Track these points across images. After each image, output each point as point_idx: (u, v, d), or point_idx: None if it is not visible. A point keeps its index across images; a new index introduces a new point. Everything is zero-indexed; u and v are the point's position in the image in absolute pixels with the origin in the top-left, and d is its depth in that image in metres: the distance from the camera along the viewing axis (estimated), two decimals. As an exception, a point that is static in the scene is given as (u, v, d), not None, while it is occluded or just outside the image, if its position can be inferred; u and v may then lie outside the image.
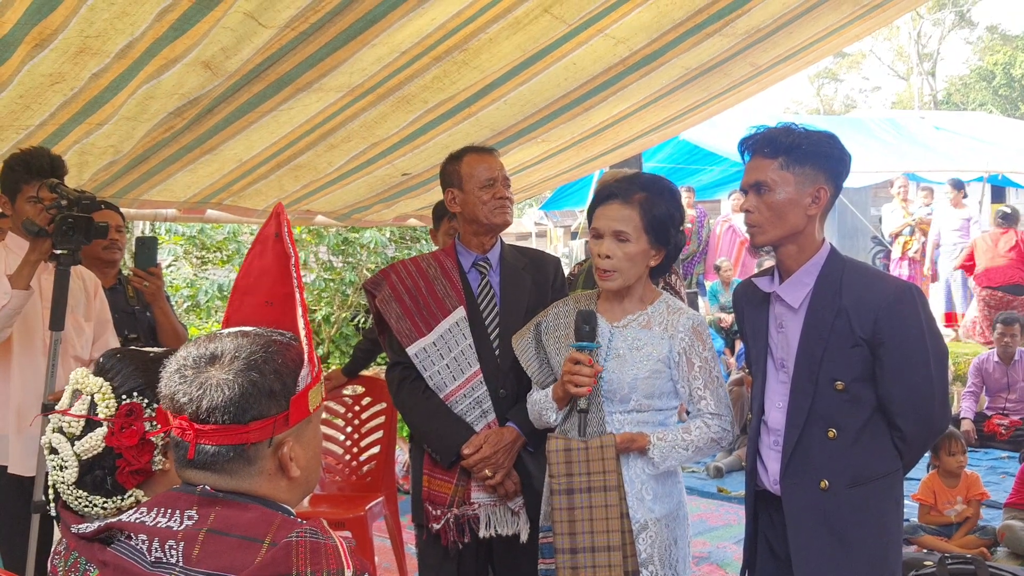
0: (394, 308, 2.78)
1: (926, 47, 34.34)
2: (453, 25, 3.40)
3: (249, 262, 1.57)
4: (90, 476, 1.44)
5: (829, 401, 2.24)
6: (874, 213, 13.60)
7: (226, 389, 1.26)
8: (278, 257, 1.51)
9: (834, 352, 2.22)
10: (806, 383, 2.26)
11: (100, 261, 3.51)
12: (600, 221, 2.43)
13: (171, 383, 1.29)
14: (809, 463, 2.27)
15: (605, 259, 2.40)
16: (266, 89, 3.53)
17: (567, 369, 2.37)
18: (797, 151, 2.23)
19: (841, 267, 2.28)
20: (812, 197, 2.25)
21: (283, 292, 1.48)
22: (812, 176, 2.24)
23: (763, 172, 2.25)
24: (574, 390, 2.35)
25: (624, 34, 3.85)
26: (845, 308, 2.22)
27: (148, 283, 3.34)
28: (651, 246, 2.42)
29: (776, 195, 2.23)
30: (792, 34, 4.34)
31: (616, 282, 2.42)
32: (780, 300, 2.33)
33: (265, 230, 1.55)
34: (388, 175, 5.05)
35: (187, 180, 4.44)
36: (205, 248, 8.93)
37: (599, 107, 4.65)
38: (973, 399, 7.26)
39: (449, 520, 2.70)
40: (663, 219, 2.41)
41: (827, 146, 2.26)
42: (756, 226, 2.29)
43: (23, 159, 2.97)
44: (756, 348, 2.41)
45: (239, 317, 1.51)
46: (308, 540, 1.21)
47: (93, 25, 2.73)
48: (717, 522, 5.23)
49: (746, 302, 2.48)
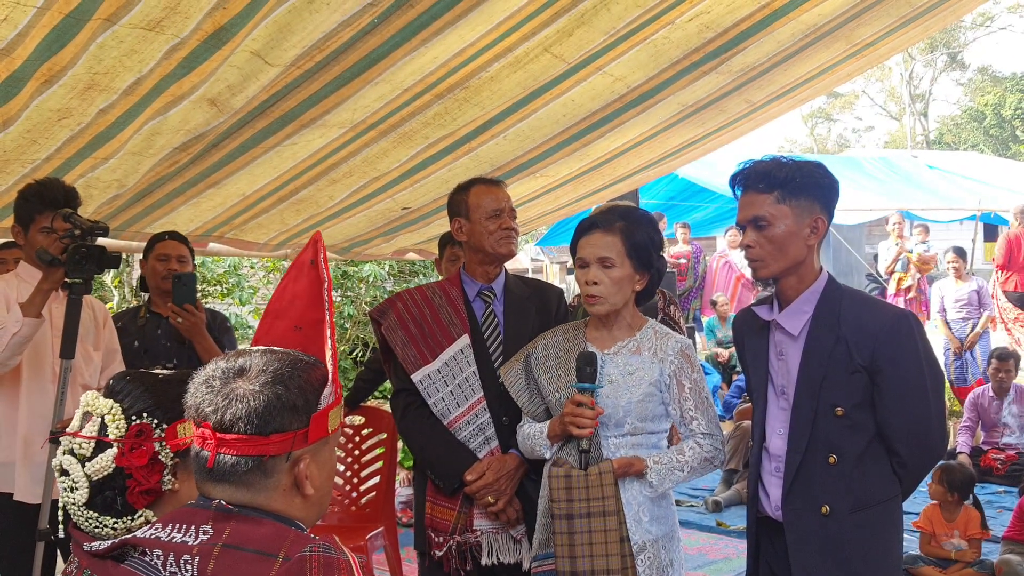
0: (399, 335, 2.81)
1: (918, 88, 34.80)
2: (455, 63, 3.47)
3: (284, 286, 1.62)
4: (100, 497, 1.46)
5: (830, 427, 2.26)
6: (869, 251, 13.70)
7: (251, 400, 1.29)
8: (312, 283, 1.57)
9: (834, 378, 2.25)
10: (807, 409, 2.28)
11: (162, 291, 3.55)
12: (585, 250, 2.50)
13: (198, 393, 1.32)
14: (810, 489, 2.29)
15: (592, 285, 2.47)
16: (270, 125, 3.59)
17: (569, 411, 2.40)
18: (792, 184, 2.26)
19: (839, 295, 2.32)
20: (811, 228, 2.29)
21: (314, 318, 1.53)
22: (808, 207, 2.28)
23: (760, 207, 2.28)
24: (576, 431, 2.39)
25: (622, 72, 3.93)
26: (844, 336, 2.25)
27: (182, 319, 3.37)
28: (635, 271, 2.49)
29: (776, 229, 2.26)
30: (786, 71, 4.43)
31: (604, 307, 2.48)
32: (780, 328, 2.36)
33: (302, 256, 1.61)
34: (388, 209, 5.11)
35: (190, 214, 4.49)
36: (206, 281, 8.97)
37: (597, 143, 4.73)
38: (969, 434, 7.27)
39: (451, 547, 2.71)
40: (644, 244, 2.50)
41: (819, 175, 2.30)
42: (759, 260, 2.32)
43: (37, 190, 3.01)
44: (756, 376, 2.44)
45: (268, 340, 1.55)
46: (321, 555, 1.23)
47: (102, 62, 2.78)
48: (716, 555, 5.21)
49: (746, 331, 2.51)
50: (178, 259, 3.57)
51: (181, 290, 3.41)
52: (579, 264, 2.52)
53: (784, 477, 2.33)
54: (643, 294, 2.58)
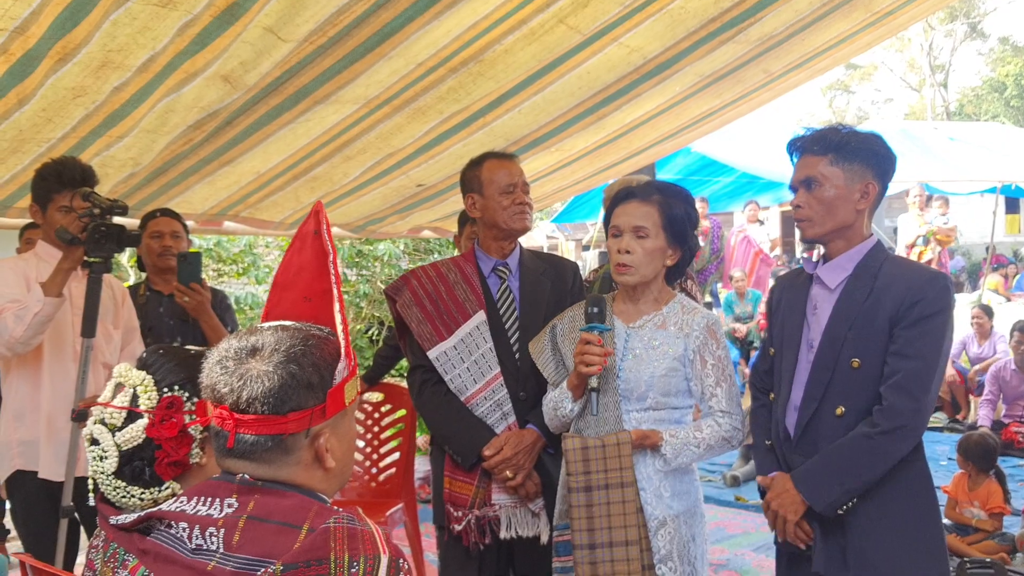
0: (415, 312, 2.80)
1: (938, 59, 34.30)
2: (469, 36, 3.44)
3: (289, 258, 1.61)
4: (129, 467, 1.48)
5: (844, 379, 2.28)
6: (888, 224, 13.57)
7: (266, 380, 1.29)
8: (316, 254, 1.55)
9: (858, 331, 2.26)
10: (828, 360, 2.30)
11: (158, 268, 3.55)
12: (620, 219, 2.49)
13: (212, 373, 1.33)
14: (816, 440, 2.31)
15: (624, 254, 2.45)
16: (284, 102, 3.58)
17: (578, 350, 2.40)
18: (846, 148, 2.30)
19: (883, 257, 2.35)
20: (861, 192, 2.31)
21: (321, 288, 1.52)
22: (860, 172, 2.31)
23: (813, 168, 2.32)
24: (585, 369, 2.38)
25: (638, 43, 3.88)
26: (877, 289, 2.27)
27: (189, 298, 3.38)
28: (668, 244, 2.48)
29: (826, 190, 2.30)
30: (804, 41, 4.37)
31: (634, 277, 2.46)
32: (819, 281, 2.39)
33: (304, 227, 1.60)
34: (403, 186, 5.09)
35: (205, 192, 4.49)
36: (222, 260, 9.01)
37: (613, 115, 4.69)
38: (991, 407, 7.24)
39: (470, 521, 2.72)
40: (681, 218, 2.48)
41: (874, 143, 2.33)
42: (807, 220, 2.35)
43: (55, 169, 3.01)
44: (789, 328, 2.44)
45: (278, 312, 1.54)
46: (345, 526, 1.24)
47: (115, 40, 2.77)
48: (735, 530, 5.21)
49: (787, 285, 2.54)
50: (172, 235, 3.57)
51: (187, 268, 3.41)
52: (613, 233, 2.51)
53: (796, 425, 2.36)
54: (673, 272, 2.56)
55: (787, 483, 2.32)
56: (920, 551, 2.25)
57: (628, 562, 2.33)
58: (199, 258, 3.53)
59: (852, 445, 2.23)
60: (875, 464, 2.22)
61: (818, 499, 2.25)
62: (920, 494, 2.29)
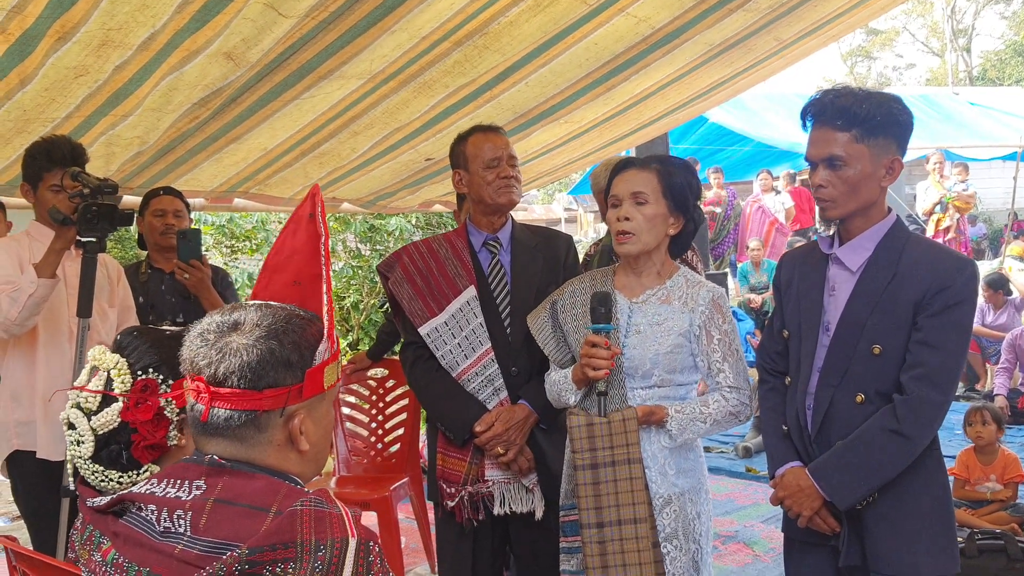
0: (406, 289, 2.79)
1: (960, 23, 33.65)
2: (473, 8, 3.39)
3: (281, 241, 1.61)
4: (106, 451, 1.48)
5: (865, 365, 2.19)
6: (908, 191, 13.40)
7: (244, 354, 1.28)
8: (310, 237, 1.55)
9: (881, 316, 2.17)
10: (847, 346, 2.21)
11: (161, 247, 3.56)
12: (618, 187, 2.44)
13: (192, 346, 1.32)
14: (835, 427, 2.23)
15: (624, 221, 2.40)
16: (288, 78, 3.55)
17: (584, 353, 2.36)
18: (872, 122, 2.15)
19: (905, 236, 2.24)
20: (887, 168, 2.20)
21: (312, 273, 1.52)
22: (886, 147, 2.18)
23: (837, 145, 2.18)
24: (592, 373, 2.34)
25: (646, 12, 3.81)
26: (901, 273, 2.17)
27: (189, 275, 3.38)
28: (670, 212, 2.42)
29: (851, 170, 2.17)
30: (816, 7, 4.28)
31: (635, 246, 2.41)
32: (837, 262, 2.28)
33: (299, 210, 1.59)
34: (411, 160, 5.07)
35: (213, 170, 4.49)
36: (235, 237, 9.02)
37: (622, 86, 4.62)
38: (1007, 375, 7.17)
39: (463, 498, 2.72)
40: (681, 185, 2.43)
41: (898, 112, 2.19)
42: (830, 200, 2.22)
43: (44, 148, 3.00)
44: (806, 310, 2.33)
45: (267, 294, 1.55)
46: (313, 509, 1.23)
47: (115, 18, 2.76)
48: (745, 501, 5.21)
49: (800, 264, 2.40)
50: (174, 214, 3.57)
51: (186, 246, 3.41)
52: (612, 203, 2.45)
53: (813, 412, 2.27)
54: (677, 244, 2.51)
55: (801, 478, 2.24)
56: (935, 542, 2.19)
57: (637, 540, 2.29)
58: (199, 235, 3.53)
59: (876, 441, 2.14)
60: (900, 460, 2.15)
61: (841, 497, 2.18)
62: (934, 483, 2.23)
